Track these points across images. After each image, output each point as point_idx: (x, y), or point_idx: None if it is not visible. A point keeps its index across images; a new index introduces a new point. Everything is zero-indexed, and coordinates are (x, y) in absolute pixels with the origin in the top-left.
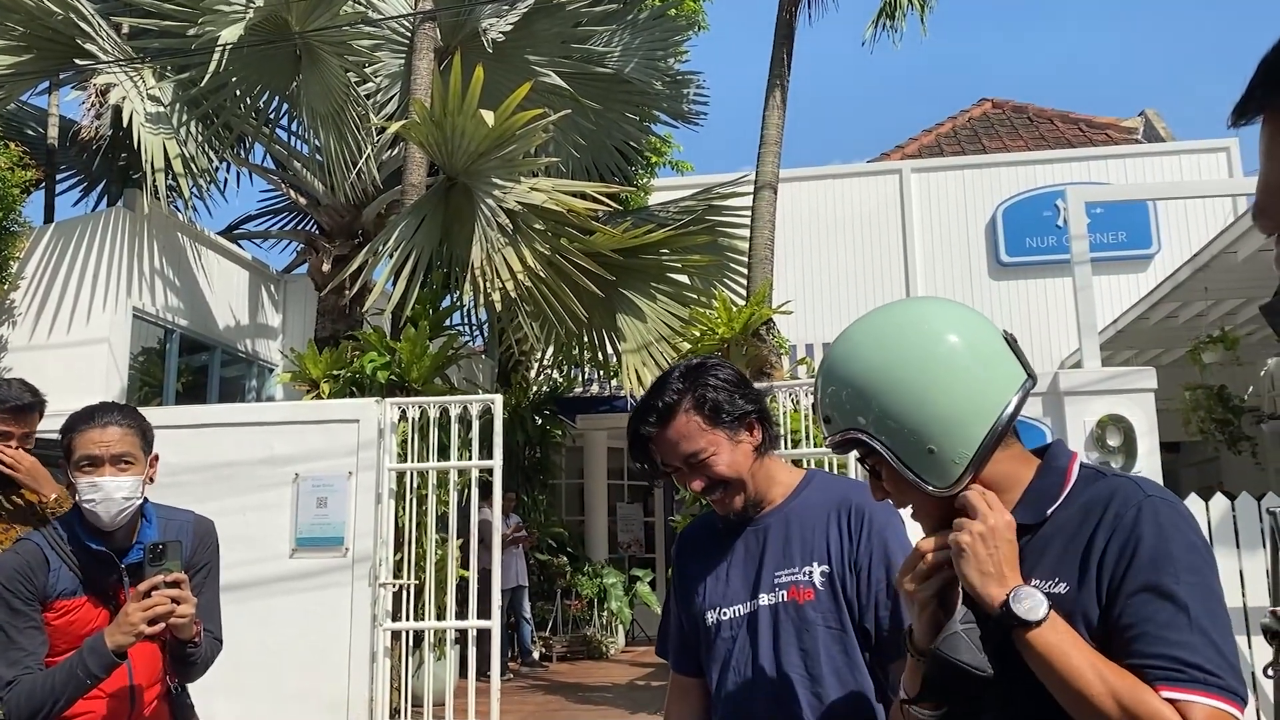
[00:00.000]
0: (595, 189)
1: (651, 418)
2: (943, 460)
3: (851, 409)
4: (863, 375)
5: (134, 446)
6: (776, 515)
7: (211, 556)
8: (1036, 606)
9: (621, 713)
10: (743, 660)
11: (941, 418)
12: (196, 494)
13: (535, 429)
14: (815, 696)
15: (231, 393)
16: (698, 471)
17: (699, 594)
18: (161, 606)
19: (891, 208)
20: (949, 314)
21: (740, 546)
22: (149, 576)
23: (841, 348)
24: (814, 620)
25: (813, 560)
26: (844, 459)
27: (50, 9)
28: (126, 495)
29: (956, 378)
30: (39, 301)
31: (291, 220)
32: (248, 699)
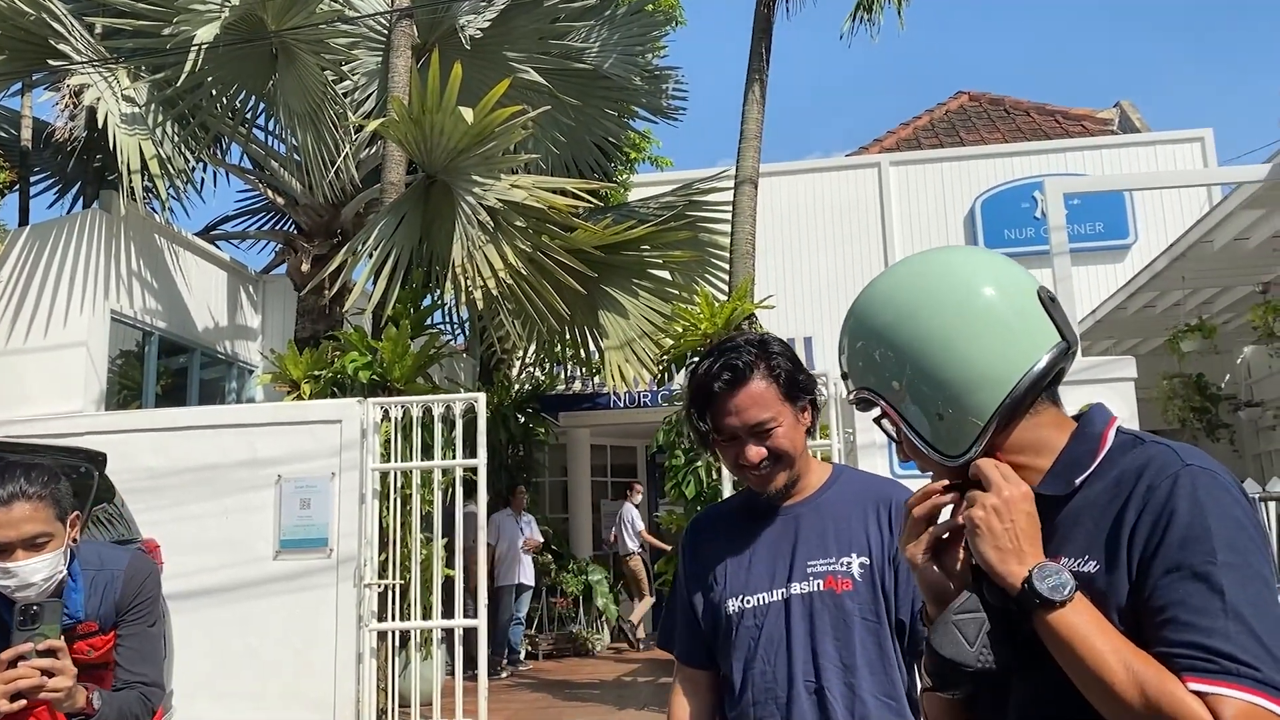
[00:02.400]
0: (576, 185)
1: (726, 375)
2: (952, 427)
3: (863, 366)
4: (874, 331)
5: (46, 522)
6: (809, 505)
7: (146, 598)
8: (1060, 586)
9: (609, 709)
10: (771, 649)
11: (951, 382)
12: (177, 497)
13: (518, 427)
14: (848, 687)
15: (211, 395)
16: (759, 440)
17: (719, 582)
18: (26, 680)
19: (871, 201)
20: (974, 264)
21: (766, 535)
22: (15, 643)
23: (860, 300)
24: (851, 611)
25: (851, 552)
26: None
27: (22, 9)
28: (46, 576)
29: (971, 337)
30: (15, 306)
31: (269, 220)
32: (232, 701)
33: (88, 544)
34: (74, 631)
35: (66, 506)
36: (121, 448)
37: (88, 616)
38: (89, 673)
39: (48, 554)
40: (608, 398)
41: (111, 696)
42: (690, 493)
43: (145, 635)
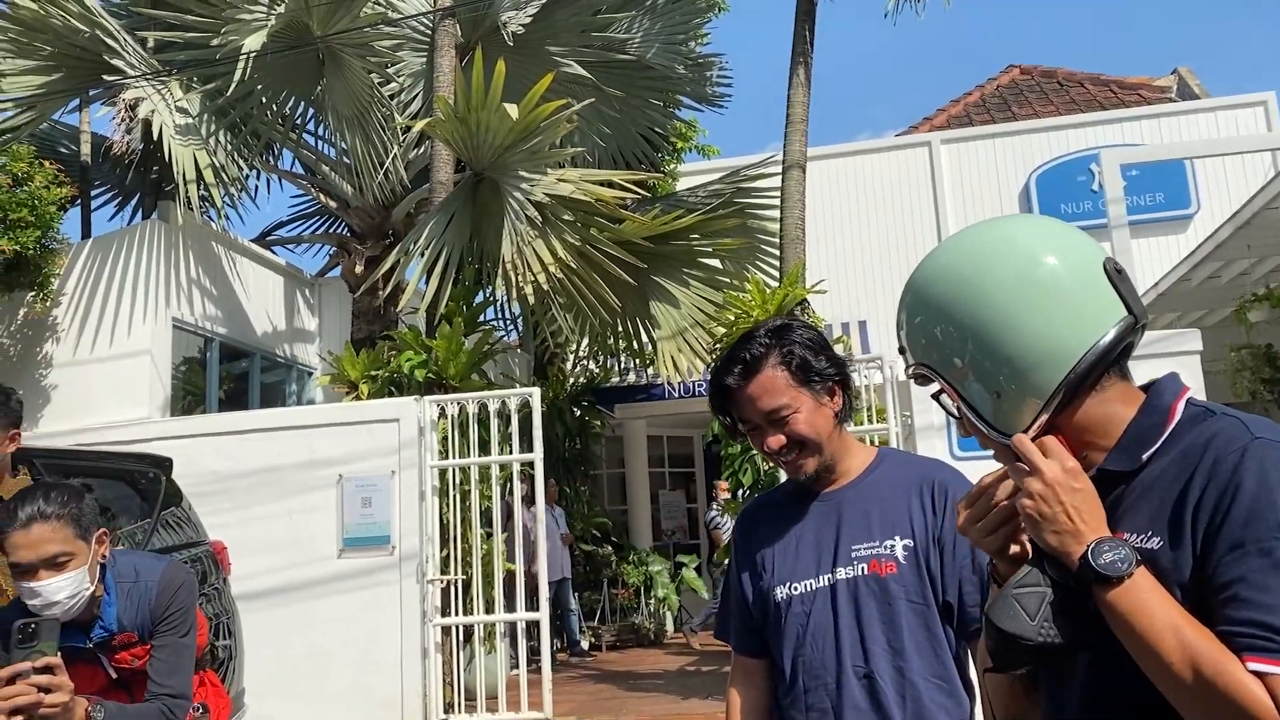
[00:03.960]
0: (622, 177)
1: (737, 369)
2: (1012, 405)
3: (921, 337)
4: (933, 306)
5: (66, 540)
6: (852, 489)
7: (179, 608)
8: (1119, 561)
9: (673, 699)
10: (820, 635)
11: (1012, 358)
12: (242, 499)
13: (574, 421)
14: (897, 670)
15: (272, 398)
16: (777, 428)
17: (767, 570)
18: (24, 697)
19: (922, 180)
20: (1037, 234)
21: (811, 520)
22: (15, 660)
23: (919, 273)
24: (897, 594)
25: (894, 534)
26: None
27: (77, 27)
28: (70, 594)
29: (1033, 312)
30: (80, 317)
31: (323, 224)
32: (302, 699)
33: (124, 555)
34: (113, 642)
35: (89, 524)
36: (187, 452)
37: (124, 628)
38: (133, 681)
39: (70, 573)
40: (662, 388)
41: (119, 708)
42: (747, 481)
43: (176, 646)
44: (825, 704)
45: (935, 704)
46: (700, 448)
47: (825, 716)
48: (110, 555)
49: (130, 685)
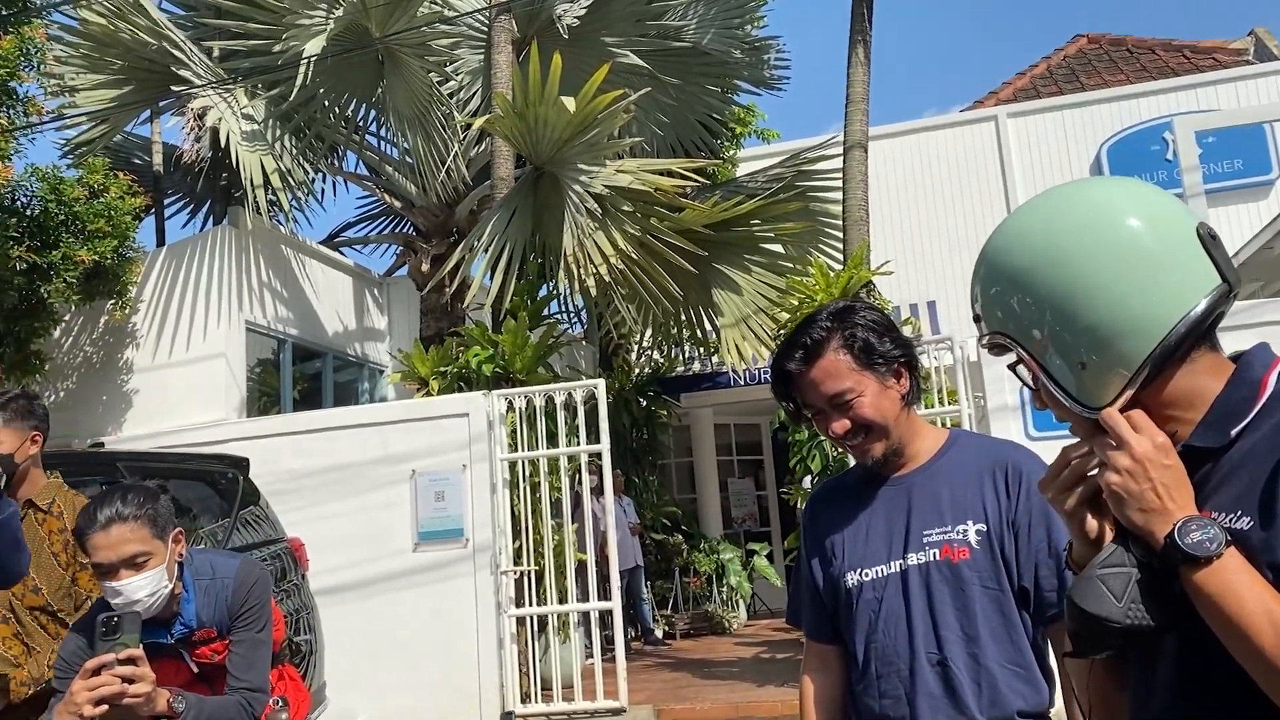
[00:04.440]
0: (681, 165)
1: (798, 354)
2: (1096, 377)
3: (998, 308)
4: (1010, 276)
5: (144, 540)
6: (922, 473)
7: (254, 604)
8: (1206, 541)
9: (749, 686)
10: (892, 622)
11: (1097, 328)
12: (318, 496)
13: (640, 411)
14: (971, 657)
15: (345, 396)
16: (841, 413)
17: (837, 556)
18: (109, 687)
19: (989, 156)
20: (1122, 198)
21: (882, 506)
22: (100, 652)
23: (998, 235)
24: (970, 579)
25: (967, 519)
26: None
27: (145, 40)
28: (150, 592)
29: (1119, 280)
30: (158, 322)
31: (389, 224)
32: (381, 691)
33: (201, 554)
34: (193, 638)
35: (165, 524)
36: (264, 452)
37: (204, 624)
38: (214, 676)
39: (149, 571)
40: (727, 376)
41: (199, 700)
42: (815, 467)
43: (253, 641)
44: (899, 691)
45: (1012, 690)
46: (768, 435)
47: (899, 704)
48: (188, 553)
49: (212, 679)
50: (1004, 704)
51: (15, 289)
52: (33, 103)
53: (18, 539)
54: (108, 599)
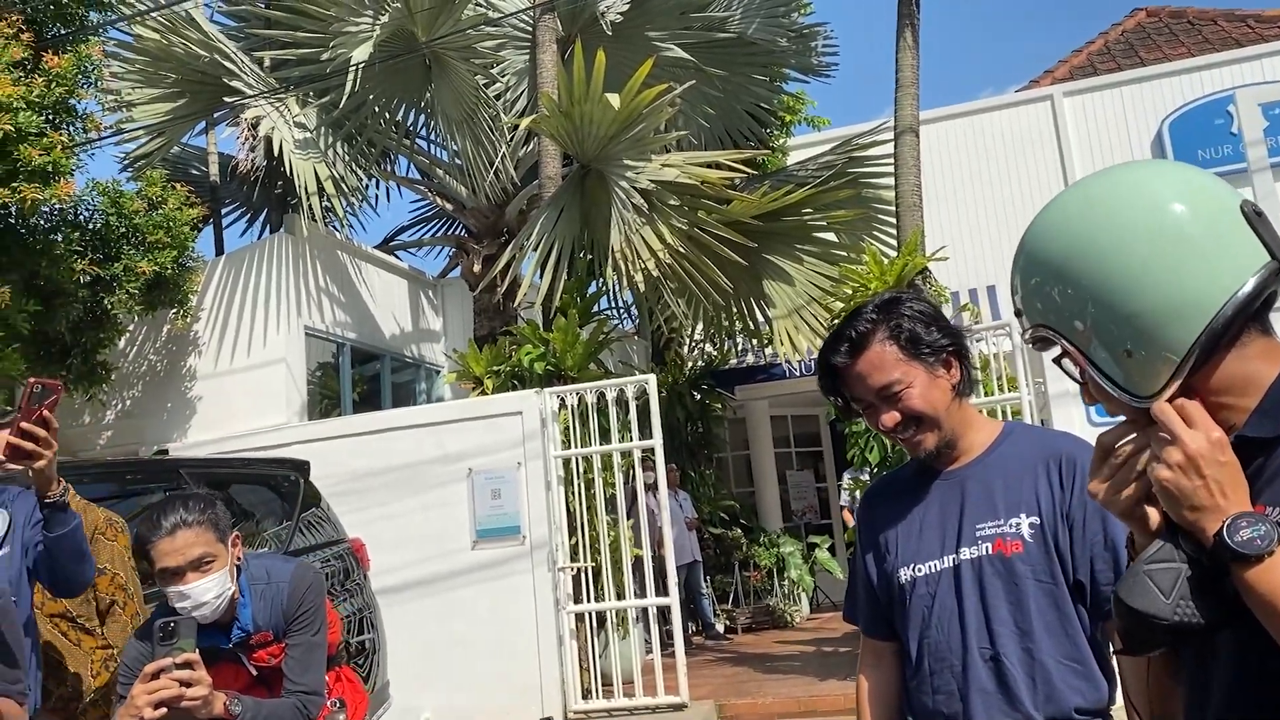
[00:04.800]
0: (728, 157)
1: (843, 347)
2: (1143, 366)
3: (1039, 300)
4: (1051, 259)
5: (209, 544)
6: (976, 466)
7: (309, 607)
8: (1256, 538)
9: (810, 680)
10: (945, 617)
11: (1140, 315)
12: (379, 497)
13: (694, 404)
14: (1026, 652)
15: (404, 397)
16: (890, 405)
17: (890, 552)
18: (167, 690)
19: (1046, 136)
20: (1160, 180)
21: (935, 500)
22: (158, 657)
23: (1035, 225)
24: (1023, 573)
25: (1020, 512)
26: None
27: (197, 53)
28: (217, 594)
29: (1161, 264)
30: (219, 330)
31: (442, 226)
32: (444, 688)
33: (256, 558)
34: (250, 641)
35: (225, 528)
36: (324, 454)
37: (260, 627)
38: (273, 679)
39: (215, 574)
40: (782, 368)
41: (255, 703)
42: (874, 459)
43: (308, 644)
44: (951, 687)
45: (1069, 687)
46: (826, 426)
47: (951, 700)
48: (243, 559)
49: (270, 682)
50: (1061, 701)
51: (80, 301)
52: (91, 119)
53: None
54: (173, 604)
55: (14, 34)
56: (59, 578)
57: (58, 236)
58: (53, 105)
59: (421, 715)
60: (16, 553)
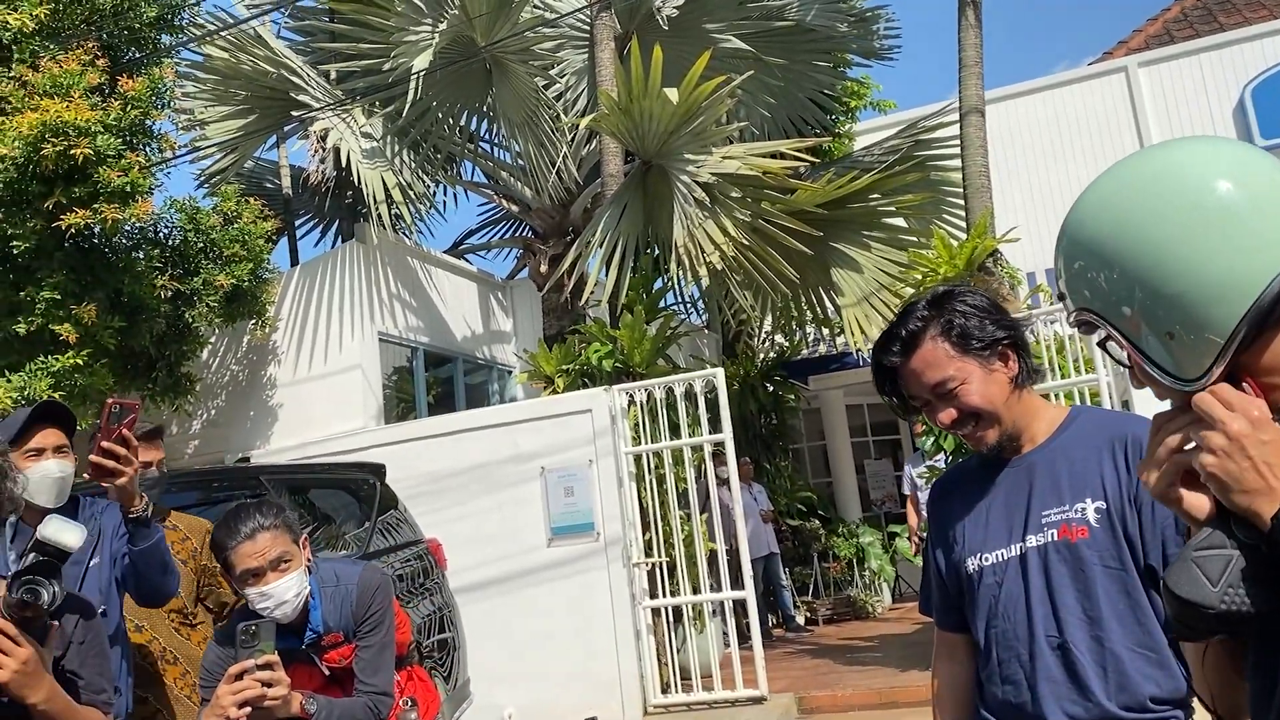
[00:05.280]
0: (789, 146)
1: (895, 347)
2: (1187, 348)
3: (1082, 283)
4: (1092, 241)
5: (286, 544)
6: (1041, 453)
7: (377, 609)
8: None
9: (892, 671)
10: (1011, 606)
11: (1183, 295)
12: (455, 497)
13: (767, 396)
14: (1096, 640)
15: (478, 398)
16: (947, 402)
17: (958, 542)
18: (250, 691)
19: (1121, 109)
20: (1204, 157)
21: (1001, 488)
22: (241, 659)
23: (1077, 206)
24: (1090, 559)
25: (1085, 496)
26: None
27: (265, 69)
28: (296, 592)
29: (1204, 242)
30: (296, 339)
31: (508, 228)
32: (524, 684)
33: (324, 562)
34: (321, 643)
35: (297, 530)
36: (401, 457)
37: (331, 629)
38: (345, 678)
39: (293, 573)
40: (855, 356)
41: (329, 702)
42: (949, 446)
43: (378, 646)
44: (1019, 676)
45: (1142, 675)
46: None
47: (1020, 689)
48: (313, 562)
49: (343, 682)
50: (1134, 689)
51: (162, 316)
52: (166, 139)
53: (166, 562)
54: (253, 605)
55: (91, 60)
56: (144, 589)
57: (139, 254)
58: (129, 127)
59: (504, 712)
60: (106, 563)
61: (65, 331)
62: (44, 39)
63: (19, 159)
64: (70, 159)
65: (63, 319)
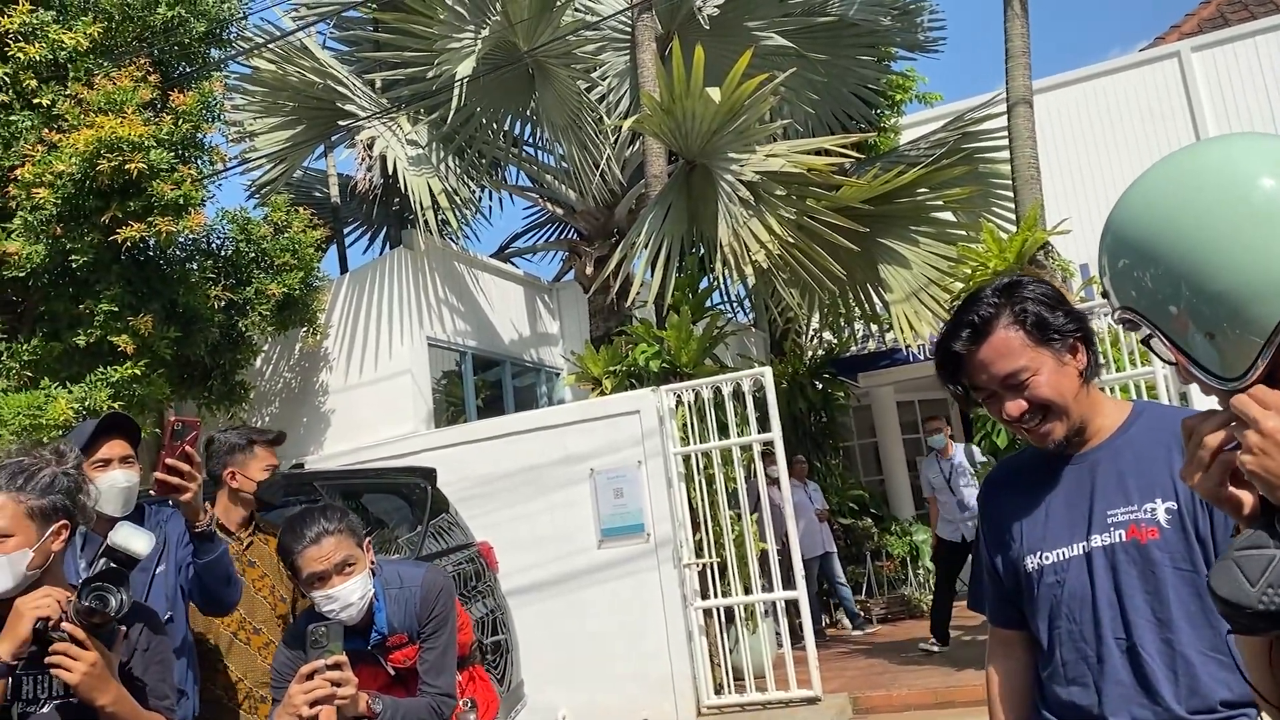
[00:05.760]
0: (834, 143)
1: (964, 333)
2: (1229, 347)
3: (1127, 281)
4: (1134, 239)
5: (350, 547)
6: (1105, 450)
7: (441, 611)
8: None
9: (948, 671)
10: (1075, 606)
11: (1225, 294)
12: (505, 500)
13: (816, 394)
14: (1165, 643)
15: (526, 401)
16: (1016, 393)
17: (1015, 539)
18: (321, 690)
19: (1174, 95)
20: (1251, 153)
21: (1062, 485)
22: (311, 659)
23: (1121, 204)
24: (1160, 561)
25: (1155, 496)
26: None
27: (311, 80)
28: (361, 595)
29: (1246, 240)
30: (346, 346)
31: (553, 231)
32: (578, 684)
33: (388, 564)
34: (386, 644)
35: (360, 534)
36: (451, 460)
37: (395, 630)
38: (410, 679)
39: (357, 576)
40: (904, 352)
41: (394, 702)
42: (1002, 443)
43: (441, 647)
44: (1086, 678)
45: (1214, 679)
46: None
47: (1086, 691)
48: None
49: (407, 682)
50: (1205, 693)
51: (216, 326)
52: (217, 151)
53: (229, 575)
54: (320, 608)
55: (143, 76)
56: (208, 600)
57: (193, 265)
58: (181, 141)
59: (558, 713)
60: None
61: (123, 343)
62: (98, 57)
63: (76, 175)
64: (125, 174)
65: (120, 330)
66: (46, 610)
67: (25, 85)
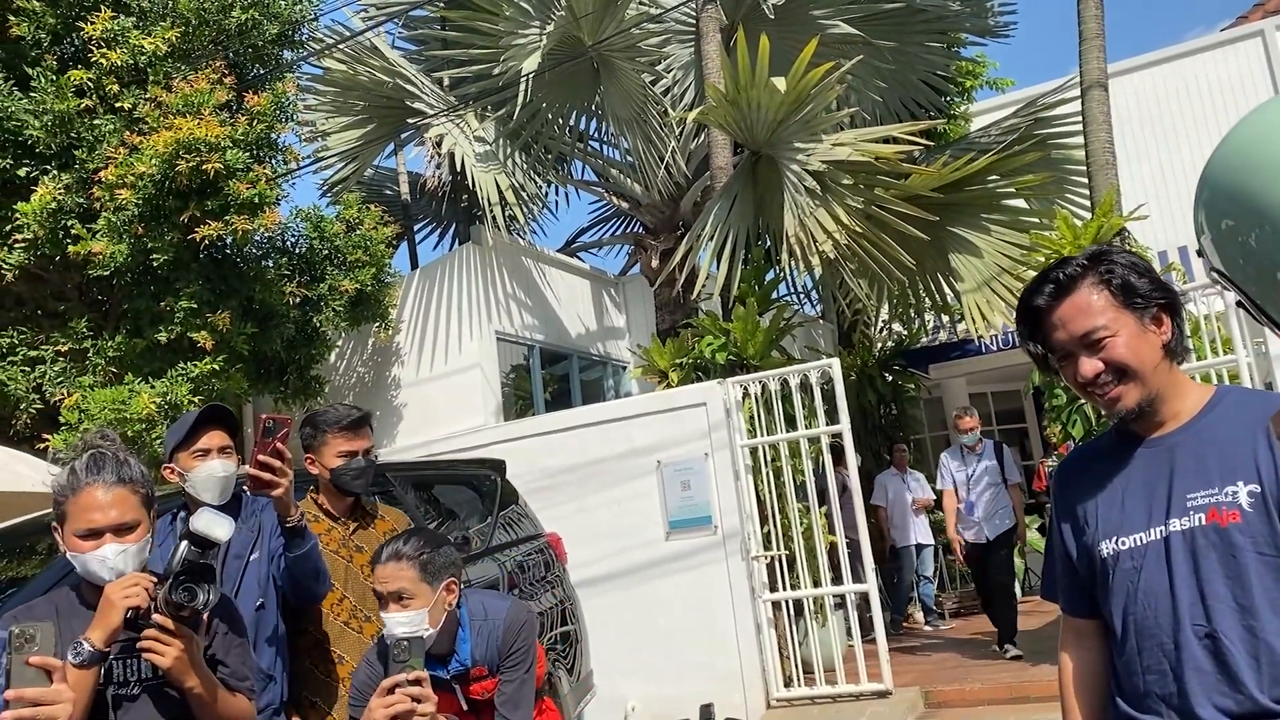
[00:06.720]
0: (902, 130)
1: (1048, 288)
2: None
3: (1232, 247)
4: (1219, 197)
5: (410, 581)
6: (1185, 432)
7: (522, 646)
8: None
9: (1021, 665)
10: (1153, 592)
11: None
12: (573, 492)
13: (886, 386)
14: (1248, 630)
15: (593, 394)
16: (1092, 352)
17: (1090, 524)
18: (401, 705)
19: (1258, 76)
20: None
21: (1138, 468)
22: (392, 673)
23: (1216, 159)
24: (1242, 545)
25: (1237, 479)
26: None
27: (381, 79)
28: (406, 630)
29: None
30: (417, 340)
31: (619, 225)
32: (647, 676)
33: (474, 594)
34: (468, 675)
35: (438, 571)
36: (520, 453)
37: (476, 662)
38: (482, 710)
39: (411, 611)
40: (977, 343)
41: None
42: (1077, 433)
43: (520, 681)
44: (1163, 666)
45: None
46: (1029, 401)
47: (1164, 680)
48: (464, 594)
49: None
50: None
51: (292, 321)
52: (290, 151)
53: (319, 569)
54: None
55: (219, 79)
56: (297, 592)
57: (268, 263)
58: (256, 141)
59: (627, 704)
60: (264, 558)
61: (202, 339)
62: (175, 61)
63: (156, 176)
64: (202, 174)
65: (199, 327)
66: (137, 600)
67: (108, 90)
